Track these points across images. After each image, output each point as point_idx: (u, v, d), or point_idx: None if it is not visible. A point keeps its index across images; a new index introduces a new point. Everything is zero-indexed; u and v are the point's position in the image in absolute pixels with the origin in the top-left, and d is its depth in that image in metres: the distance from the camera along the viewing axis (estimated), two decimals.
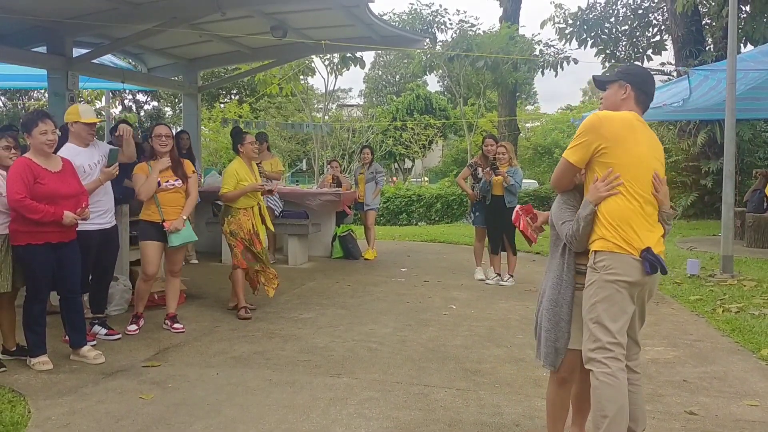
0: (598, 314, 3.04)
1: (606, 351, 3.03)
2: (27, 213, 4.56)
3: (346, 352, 5.31)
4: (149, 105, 35.79)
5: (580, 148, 3.14)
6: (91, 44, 9.90)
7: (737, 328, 5.86)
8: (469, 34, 19.75)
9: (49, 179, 4.70)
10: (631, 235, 3.04)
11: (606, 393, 3.00)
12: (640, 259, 3.03)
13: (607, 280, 3.03)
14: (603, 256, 3.06)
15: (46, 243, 4.69)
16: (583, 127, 3.16)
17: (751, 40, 15.04)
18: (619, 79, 3.25)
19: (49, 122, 4.77)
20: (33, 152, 4.77)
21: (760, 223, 11.06)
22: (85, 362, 4.92)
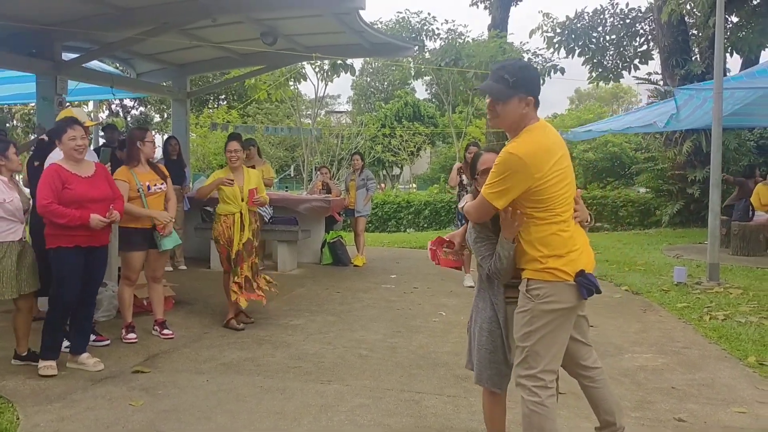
0: (533, 343, 2.97)
1: (537, 380, 2.98)
2: (54, 218, 4.66)
3: (336, 358, 5.31)
4: (136, 110, 35.68)
5: (508, 192, 2.90)
6: (80, 49, 9.86)
7: (724, 336, 5.91)
8: (458, 42, 19.87)
9: (77, 184, 4.78)
10: (564, 261, 2.95)
11: (535, 421, 2.99)
12: (575, 284, 2.95)
13: (543, 309, 2.95)
14: (537, 285, 2.96)
15: (76, 246, 4.76)
16: (506, 168, 2.88)
17: (738, 51, 15.21)
18: (517, 93, 2.95)
19: (79, 128, 4.85)
20: (64, 158, 4.89)
21: (746, 231, 11.16)
22: (85, 369, 4.89)
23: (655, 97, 18.14)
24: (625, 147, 21.67)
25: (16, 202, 4.76)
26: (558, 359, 3.07)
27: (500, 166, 2.91)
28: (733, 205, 11.88)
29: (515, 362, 3.08)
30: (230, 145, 6.38)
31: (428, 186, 29.21)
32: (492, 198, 2.94)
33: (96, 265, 4.98)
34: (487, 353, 3.22)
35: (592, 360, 3.33)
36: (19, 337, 4.99)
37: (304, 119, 26.18)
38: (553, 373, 3.05)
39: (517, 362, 3.06)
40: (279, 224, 9.48)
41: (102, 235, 4.93)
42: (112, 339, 5.65)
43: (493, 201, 2.94)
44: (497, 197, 2.93)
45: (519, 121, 2.99)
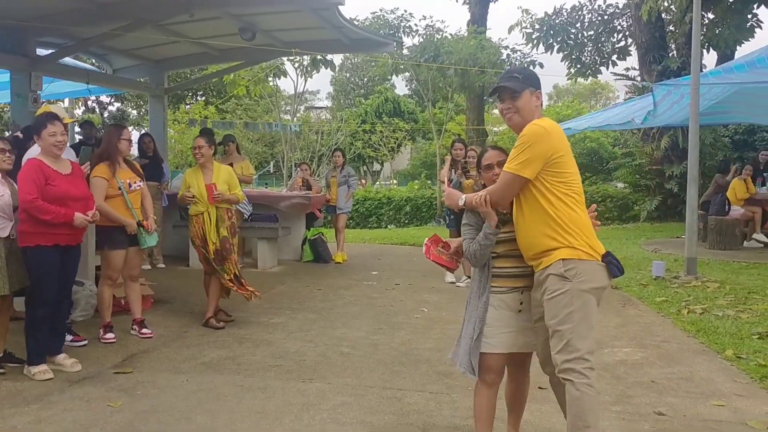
0: (576, 324, 2.99)
1: (584, 361, 2.99)
2: (38, 214, 4.59)
3: (318, 356, 5.29)
4: (113, 106, 35.25)
5: (534, 160, 3.02)
6: (55, 45, 9.72)
7: (702, 329, 5.97)
8: (436, 38, 19.87)
9: (59, 181, 4.74)
10: (592, 241, 3.08)
11: (588, 403, 2.97)
12: (604, 264, 3.08)
13: (581, 289, 3.01)
14: (572, 264, 3.02)
15: (55, 245, 4.71)
16: (531, 137, 3.04)
17: (714, 47, 15.36)
18: (528, 87, 3.17)
19: (59, 124, 4.78)
20: (43, 154, 4.80)
21: (722, 225, 11.30)
22: (62, 370, 4.81)
23: (632, 93, 18.28)
24: (603, 142, 21.86)
25: (6, 198, 4.66)
26: (593, 341, 3.10)
27: (525, 137, 3.05)
28: (710, 200, 12.01)
29: (556, 349, 3.03)
30: (195, 141, 6.33)
31: (409, 182, 29.23)
32: (518, 168, 3.04)
33: (71, 264, 4.92)
34: (467, 338, 3.30)
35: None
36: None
37: (284, 115, 26.07)
38: (593, 353, 3.07)
39: (558, 348, 3.02)
40: (259, 221, 9.42)
41: (79, 233, 4.89)
42: (90, 339, 5.57)
43: (520, 171, 3.04)
44: (524, 166, 3.03)
45: (532, 114, 3.17)
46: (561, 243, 3.05)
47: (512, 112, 3.20)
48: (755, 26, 15.25)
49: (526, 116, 3.16)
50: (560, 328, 3.00)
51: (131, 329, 5.87)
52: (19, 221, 4.70)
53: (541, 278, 3.10)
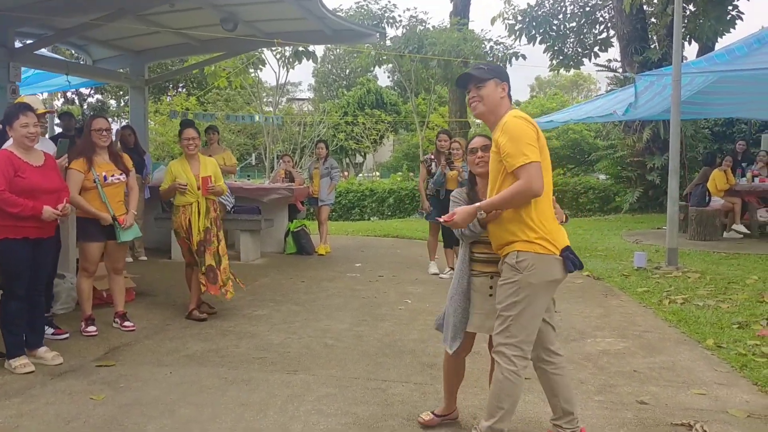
0: (518, 313, 3.14)
1: (516, 349, 3.16)
2: (6, 206, 4.50)
3: (302, 348, 5.28)
4: (92, 97, 34.87)
5: (535, 147, 3.10)
6: (33, 35, 9.58)
7: (683, 319, 6.03)
8: (419, 29, 19.82)
9: (30, 173, 4.64)
10: (553, 235, 3.16)
11: (507, 388, 3.17)
12: (561, 258, 3.16)
13: (530, 281, 3.12)
14: (526, 257, 3.13)
15: (24, 238, 4.62)
16: (524, 128, 3.11)
17: (696, 39, 15.48)
18: (493, 77, 3.26)
19: (31, 115, 4.67)
20: (14, 145, 4.71)
21: (703, 216, 11.41)
22: (44, 363, 4.76)
23: (614, 85, 18.39)
24: (585, 134, 21.97)
25: None
26: (535, 332, 3.22)
27: (519, 129, 3.10)
28: (691, 192, 12.13)
29: (496, 330, 3.22)
30: (187, 133, 6.22)
31: (391, 174, 29.21)
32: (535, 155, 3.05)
33: (44, 257, 4.85)
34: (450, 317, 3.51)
35: (556, 346, 3.45)
36: None
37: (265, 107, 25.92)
38: (531, 344, 3.22)
39: (498, 330, 3.20)
40: (241, 213, 9.37)
41: (50, 226, 4.81)
42: (72, 332, 5.52)
43: (537, 158, 3.06)
44: (534, 153, 3.06)
45: (498, 107, 3.25)
46: (518, 237, 3.15)
47: (477, 100, 3.29)
48: (736, 18, 15.40)
49: (489, 105, 3.26)
50: (503, 313, 3.19)
51: (113, 322, 5.82)
52: None
53: (501, 267, 3.26)
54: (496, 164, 3.23)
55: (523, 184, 3.05)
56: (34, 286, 4.79)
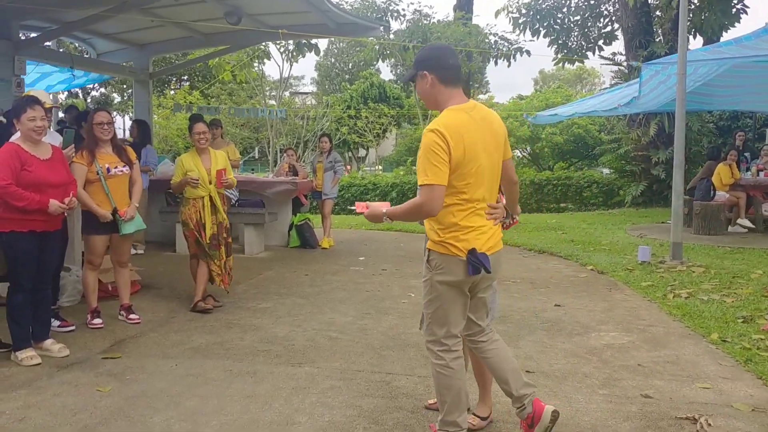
0: (433, 311, 3.22)
1: (440, 344, 3.23)
2: (12, 200, 4.50)
3: (306, 341, 5.29)
4: (96, 91, 34.89)
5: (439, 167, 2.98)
6: (38, 28, 9.60)
7: (688, 313, 6.03)
8: (424, 23, 19.77)
9: (36, 166, 4.65)
10: (459, 237, 3.11)
11: (442, 382, 3.23)
12: (464, 260, 3.12)
13: (437, 280, 3.18)
14: (434, 256, 3.18)
15: (31, 231, 4.63)
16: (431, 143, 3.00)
17: (701, 32, 15.41)
18: (417, 71, 3.19)
19: (39, 108, 4.68)
20: (22, 138, 4.72)
21: (707, 210, 11.38)
22: (49, 355, 4.78)
23: (619, 79, 18.33)
24: (589, 128, 21.93)
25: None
26: (457, 325, 3.25)
27: (426, 147, 3.02)
28: (696, 186, 12.10)
29: (423, 328, 3.39)
30: (197, 127, 6.24)
31: (394, 168, 29.19)
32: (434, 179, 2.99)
33: (50, 250, 4.87)
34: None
35: (481, 336, 3.39)
36: None
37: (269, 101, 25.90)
38: (455, 338, 3.25)
39: (422, 328, 3.39)
40: (245, 207, 9.38)
41: (57, 219, 4.82)
42: (78, 324, 5.54)
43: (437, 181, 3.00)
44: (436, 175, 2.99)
45: (432, 98, 3.21)
46: (430, 236, 3.21)
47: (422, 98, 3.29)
48: (741, 11, 15.32)
49: (427, 100, 3.26)
50: (424, 310, 3.31)
51: (119, 314, 5.84)
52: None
53: None
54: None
55: (419, 203, 3.04)
56: (41, 279, 4.81)
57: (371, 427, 3.66)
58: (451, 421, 3.25)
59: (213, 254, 6.13)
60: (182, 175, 6.15)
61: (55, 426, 3.64)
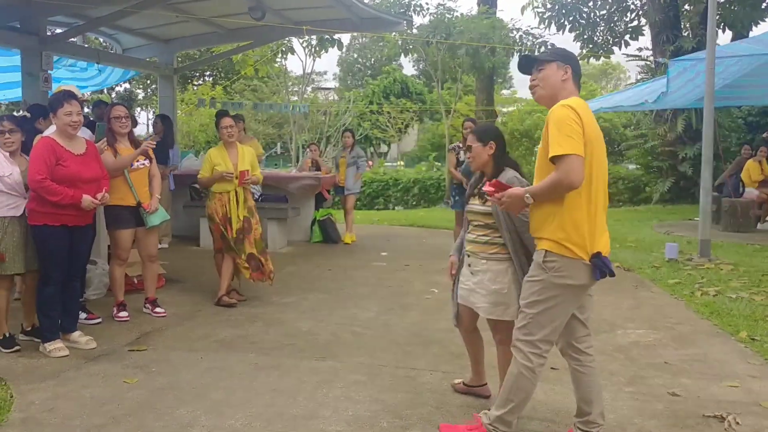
0: (538, 312, 3.09)
1: (533, 347, 3.12)
2: (46, 195, 4.54)
3: (330, 336, 5.30)
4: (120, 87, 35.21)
5: (576, 139, 2.89)
6: (65, 24, 9.69)
7: (716, 311, 5.95)
8: (447, 17, 19.66)
9: (71, 161, 4.67)
10: (585, 240, 3.00)
11: (520, 383, 3.15)
12: (590, 264, 3.02)
13: (555, 282, 3.04)
14: (553, 258, 3.04)
15: (63, 225, 4.66)
16: (566, 116, 2.93)
17: (730, 26, 15.16)
18: (555, 60, 3.14)
19: (75, 103, 4.71)
20: (57, 133, 4.74)
21: (736, 207, 11.22)
22: (77, 347, 4.85)
23: (645, 74, 18.11)
24: (615, 123, 21.68)
25: (15, 176, 4.67)
26: (557, 332, 3.16)
27: (560, 118, 2.94)
28: (724, 182, 11.93)
29: (516, 324, 3.21)
30: (224, 121, 6.26)
31: (416, 163, 29.15)
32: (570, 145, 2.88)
33: (81, 244, 4.91)
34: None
35: (586, 345, 3.29)
36: (26, 313, 5.00)
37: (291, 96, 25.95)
38: (550, 344, 3.17)
39: (517, 325, 3.20)
40: (269, 202, 9.42)
41: (88, 214, 4.87)
42: (104, 317, 5.61)
43: (576, 150, 2.89)
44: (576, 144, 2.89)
45: (559, 91, 3.12)
46: (547, 235, 3.06)
47: (535, 84, 3.19)
48: None
49: (549, 89, 3.14)
50: (524, 309, 3.15)
51: (143, 308, 5.89)
52: (29, 199, 4.69)
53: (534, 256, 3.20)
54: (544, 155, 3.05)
55: (557, 178, 2.91)
56: (71, 272, 4.86)
57: (395, 421, 3.65)
58: (508, 421, 3.23)
59: (238, 248, 6.14)
60: (210, 169, 6.17)
61: (83, 416, 3.68)
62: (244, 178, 6.16)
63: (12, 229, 4.67)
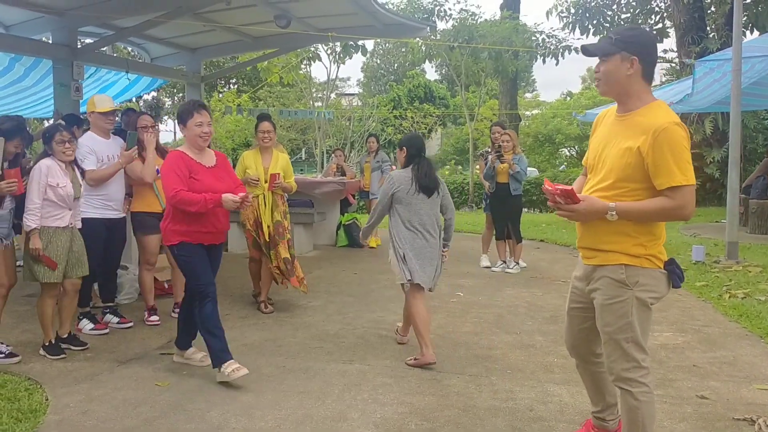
0: (635, 333, 2.85)
1: (642, 370, 2.88)
2: (186, 206, 4.26)
3: (356, 339, 5.35)
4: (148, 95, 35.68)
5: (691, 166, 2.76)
6: (95, 34, 9.89)
7: (744, 314, 5.90)
8: (470, 22, 19.71)
9: (203, 175, 4.41)
10: (661, 249, 2.89)
11: (647, 411, 2.88)
12: (666, 272, 2.88)
13: (640, 297, 2.84)
14: (636, 272, 2.83)
15: (200, 244, 4.42)
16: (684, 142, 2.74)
17: (756, 26, 15.00)
18: (620, 51, 2.81)
19: (205, 113, 4.42)
20: (187, 145, 4.49)
21: (764, 209, 11.08)
22: (191, 364, 4.65)
23: (671, 76, 17.96)
24: None
25: (68, 189, 4.73)
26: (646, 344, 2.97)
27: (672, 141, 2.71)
28: (752, 184, 11.78)
29: (612, 358, 2.92)
30: (262, 126, 6.23)
31: (439, 168, 29.15)
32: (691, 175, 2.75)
33: (214, 261, 4.61)
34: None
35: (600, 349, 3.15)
36: (62, 320, 4.95)
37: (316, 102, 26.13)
38: (648, 355, 2.94)
39: (615, 357, 2.90)
40: (295, 207, 9.48)
41: (222, 233, 4.64)
42: (135, 321, 5.72)
43: (693, 178, 2.76)
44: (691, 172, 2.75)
45: (624, 85, 2.84)
46: (624, 250, 2.85)
47: (597, 78, 2.94)
48: None
49: (612, 85, 2.86)
50: (617, 336, 2.87)
51: (172, 312, 5.97)
52: (165, 219, 4.48)
53: (593, 274, 2.95)
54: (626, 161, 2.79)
55: (674, 206, 2.72)
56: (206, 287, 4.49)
57: (423, 424, 3.69)
58: None
59: (271, 253, 6.16)
60: (242, 171, 6.17)
61: (117, 419, 3.76)
62: (274, 181, 6.11)
63: (56, 238, 4.73)
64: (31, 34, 8.63)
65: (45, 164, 4.70)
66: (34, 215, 4.62)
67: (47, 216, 4.70)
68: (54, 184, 4.68)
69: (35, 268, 4.68)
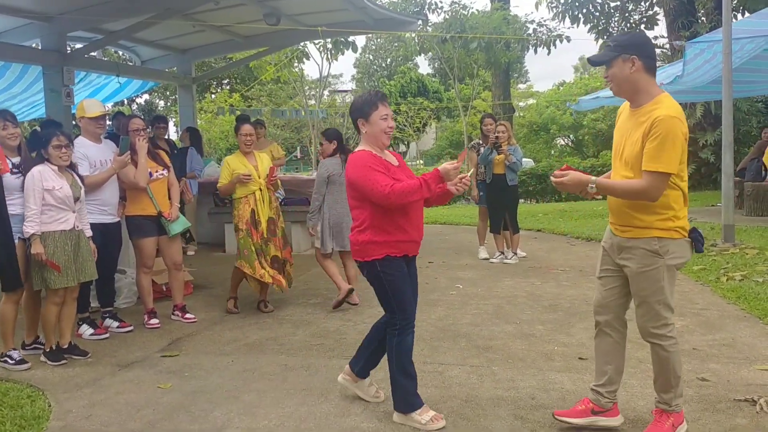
0: (666, 296, 3.27)
1: (669, 326, 3.31)
2: (404, 198, 3.53)
3: (357, 334, 5.33)
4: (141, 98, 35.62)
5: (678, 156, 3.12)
6: (84, 39, 9.87)
7: (742, 296, 5.92)
8: (461, 14, 19.68)
9: (393, 173, 3.68)
10: (684, 221, 3.26)
11: (676, 359, 3.32)
12: (690, 240, 3.28)
13: (670, 264, 3.24)
14: (666, 243, 3.21)
15: (404, 255, 3.74)
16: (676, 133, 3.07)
17: (747, 9, 14.99)
18: (620, 54, 3.15)
19: (388, 105, 3.78)
20: (368, 143, 3.74)
21: (759, 191, 11.11)
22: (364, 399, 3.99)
23: (662, 61, 17.95)
24: None
25: (66, 190, 4.73)
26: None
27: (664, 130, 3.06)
28: (746, 167, 11.81)
29: (643, 318, 3.32)
30: (244, 129, 6.18)
31: (435, 162, 29.17)
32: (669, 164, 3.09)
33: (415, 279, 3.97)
34: None
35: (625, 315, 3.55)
36: (62, 329, 4.90)
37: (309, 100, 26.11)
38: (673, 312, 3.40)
39: (648, 317, 3.31)
40: (291, 205, 9.49)
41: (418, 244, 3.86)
42: (135, 325, 5.72)
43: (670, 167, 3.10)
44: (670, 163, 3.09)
45: (632, 85, 3.18)
46: (655, 225, 3.21)
47: (609, 81, 3.28)
48: None
49: (621, 85, 3.21)
50: (650, 299, 3.27)
51: (172, 315, 5.98)
52: (358, 230, 3.71)
53: (626, 245, 3.30)
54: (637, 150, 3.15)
55: (644, 187, 3.11)
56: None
57: None
58: (681, 394, 3.39)
59: (264, 251, 6.13)
60: (230, 176, 6.07)
61: (120, 422, 3.77)
62: (273, 174, 6.13)
63: (63, 243, 4.72)
64: (20, 41, 8.61)
65: (37, 170, 4.71)
66: (32, 221, 4.63)
67: (50, 221, 4.70)
68: (50, 188, 4.68)
69: (45, 274, 4.68)
